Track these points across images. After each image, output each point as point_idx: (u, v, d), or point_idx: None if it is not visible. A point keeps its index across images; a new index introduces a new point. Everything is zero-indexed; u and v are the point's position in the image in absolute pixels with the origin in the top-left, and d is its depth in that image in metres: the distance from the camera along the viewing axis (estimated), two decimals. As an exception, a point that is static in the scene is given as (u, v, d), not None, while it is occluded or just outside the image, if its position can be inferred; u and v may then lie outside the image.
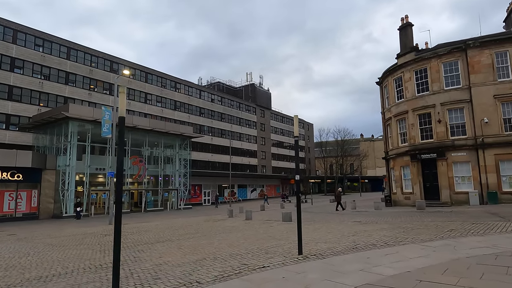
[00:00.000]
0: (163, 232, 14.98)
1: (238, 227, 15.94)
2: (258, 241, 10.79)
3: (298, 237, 7.99)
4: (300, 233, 8.01)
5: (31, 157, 27.45)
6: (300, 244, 7.97)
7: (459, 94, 24.14)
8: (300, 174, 8.71)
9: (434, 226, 12.30)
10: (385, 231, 11.63)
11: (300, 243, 7.98)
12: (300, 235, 8.00)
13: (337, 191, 26.46)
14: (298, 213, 8.27)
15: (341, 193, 26.57)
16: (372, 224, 14.08)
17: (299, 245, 7.98)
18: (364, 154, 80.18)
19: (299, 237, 7.99)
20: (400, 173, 27.84)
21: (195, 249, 9.79)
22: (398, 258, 7.29)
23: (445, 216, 16.14)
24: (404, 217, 16.93)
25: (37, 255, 10.09)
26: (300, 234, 8.01)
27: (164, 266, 7.51)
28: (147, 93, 48.83)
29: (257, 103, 70.99)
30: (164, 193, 39.60)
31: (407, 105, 26.82)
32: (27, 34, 37.09)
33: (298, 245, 8.00)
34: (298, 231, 8.01)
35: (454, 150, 23.91)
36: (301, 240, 8.01)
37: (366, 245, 9.08)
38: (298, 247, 7.98)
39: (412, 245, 8.82)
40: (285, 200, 46.99)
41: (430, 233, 10.75)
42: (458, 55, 24.46)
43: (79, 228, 19.71)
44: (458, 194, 23.49)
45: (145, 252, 9.70)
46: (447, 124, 24.48)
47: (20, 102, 35.74)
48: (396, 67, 27.99)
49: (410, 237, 10.12)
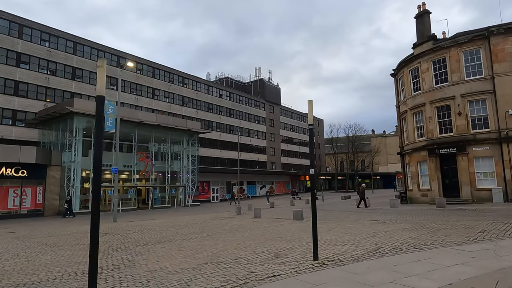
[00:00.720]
0: (166, 231, 14.08)
1: (246, 225, 14.95)
2: (267, 242, 9.77)
3: (314, 240, 6.93)
4: (315, 235, 6.94)
5: (35, 153, 26.86)
6: (315, 248, 6.92)
7: (481, 85, 22.68)
8: (315, 167, 7.64)
9: (462, 226, 11.11)
10: (408, 232, 10.49)
11: (315, 247, 6.92)
12: (315, 238, 6.94)
13: (361, 187, 25.04)
14: (313, 212, 7.20)
15: (365, 189, 25.13)
16: (392, 224, 12.92)
17: (314, 249, 6.93)
18: (375, 150, 78.30)
19: (314, 240, 6.93)
20: (416, 169, 26.49)
21: (197, 251, 8.82)
22: (432, 265, 6.19)
23: (470, 215, 14.89)
24: (425, 215, 15.71)
25: (27, 257, 9.25)
26: (316, 237, 6.94)
27: (160, 273, 6.55)
28: (155, 88, 48.10)
29: (266, 98, 69.79)
30: (172, 189, 38.87)
31: (424, 97, 25.43)
32: (33, 29, 36.56)
33: (313, 249, 6.95)
34: (314, 233, 6.95)
35: (476, 144, 22.49)
36: (317, 244, 6.95)
37: (391, 248, 7.98)
38: (314, 251, 6.93)
39: (444, 249, 7.69)
40: (295, 197, 45.95)
41: (460, 234, 9.59)
42: (480, 43, 22.98)
43: (82, 226, 18.97)
44: (480, 191, 22.11)
45: (142, 254, 8.77)
46: (468, 116, 23.05)
47: (27, 97, 35.28)
48: (413, 57, 26.58)
49: (438, 239, 8.98)
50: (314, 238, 6.93)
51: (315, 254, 6.89)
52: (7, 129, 33.41)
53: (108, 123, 21.84)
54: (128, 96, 43.96)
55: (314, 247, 6.92)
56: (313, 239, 6.94)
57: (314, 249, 6.92)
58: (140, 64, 46.76)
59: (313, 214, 7.15)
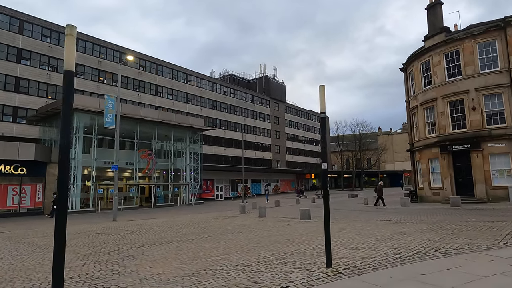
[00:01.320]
0: (165, 231, 13.27)
1: (250, 225, 14.10)
2: (273, 245, 8.92)
3: (326, 245, 6.05)
4: (328, 239, 6.06)
5: (34, 150, 26.19)
6: (328, 254, 6.04)
7: (497, 78, 21.59)
8: (327, 161, 6.76)
9: (486, 228, 10.17)
10: (427, 234, 9.58)
11: (328, 252, 6.05)
12: (328, 242, 6.05)
13: (379, 185, 23.95)
14: (326, 212, 6.31)
15: (383, 187, 23.97)
16: (407, 224, 12.00)
17: (327, 256, 6.05)
18: (382, 148, 76.99)
19: (327, 244, 6.05)
20: (427, 166, 25.45)
21: (195, 255, 7.98)
22: (466, 276, 5.29)
23: (489, 215, 13.92)
24: (441, 215, 14.76)
25: (10, 260, 8.47)
26: (329, 241, 6.06)
27: (150, 282, 5.72)
28: (158, 85, 47.35)
29: (271, 95, 68.81)
30: (175, 188, 38.12)
31: (435, 91, 24.38)
32: (34, 25, 35.95)
33: (326, 255, 6.08)
34: (326, 237, 6.07)
35: (491, 140, 21.43)
36: (330, 249, 6.07)
37: (412, 253, 7.08)
38: (327, 258, 6.06)
39: (473, 254, 6.78)
40: (301, 196, 45.03)
41: (486, 237, 8.66)
42: (495, 34, 21.87)
43: (80, 225, 18.26)
44: (496, 189, 21.05)
45: (135, 258, 7.95)
46: (482, 111, 21.98)
47: (28, 94, 34.70)
48: (424, 50, 25.51)
49: (464, 242, 8.06)
50: (327, 242, 6.05)
51: (328, 261, 6.01)
52: (8, 126, 32.86)
53: (108, 119, 21.09)
54: (131, 93, 43.28)
55: (327, 253, 6.05)
56: (326, 244, 6.06)
57: (327, 255, 6.05)
58: (143, 60, 46.03)
59: (325, 215, 6.26)
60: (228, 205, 34.71)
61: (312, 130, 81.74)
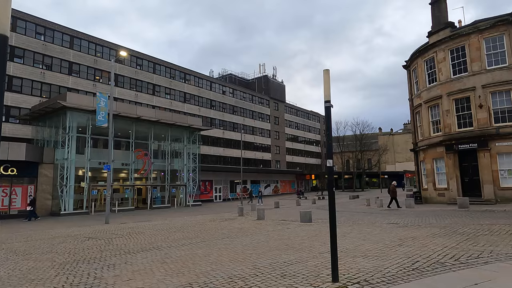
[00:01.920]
0: (156, 236, 12.39)
1: (248, 229, 13.22)
2: (271, 253, 8.04)
3: (332, 255, 5.17)
4: (335, 249, 5.17)
5: (25, 149, 25.30)
6: (335, 266, 5.16)
7: (505, 74, 20.75)
8: (332, 158, 5.88)
9: (504, 232, 9.31)
10: (441, 239, 8.70)
11: (335, 264, 5.16)
12: (334, 252, 5.16)
13: (392, 186, 22.95)
14: (332, 216, 5.42)
15: (396, 187, 22.95)
16: (416, 228, 11.12)
17: (333, 268, 5.17)
18: (383, 149, 76.14)
19: (333, 255, 5.16)
20: (432, 166, 24.59)
21: (183, 264, 7.11)
22: (501, 293, 4.42)
23: (502, 217, 13.05)
24: (450, 217, 13.88)
25: (-22, 270, 7.59)
26: (335, 250, 5.17)
27: (125, 300, 4.84)
28: (155, 85, 46.44)
29: (270, 95, 67.93)
30: (172, 189, 37.21)
31: (440, 89, 23.54)
32: (27, 22, 35.04)
33: (332, 267, 5.20)
34: (332, 246, 5.18)
35: (499, 139, 20.57)
36: (336, 260, 5.18)
37: (430, 263, 6.21)
38: (332, 270, 5.18)
39: (501, 264, 5.91)
40: (301, 197, 44.20)
41: (508, 243, 7.79)
42: (503, 29, 21.03)
43: (69, 228, 17.38)
44: (505, 190, 20.19)
45: (115, 268, 7.07)
46: (490, 109, 21.13)
47: (21, 93, 33.76)
48: (428, 46, 24.68)
49: (484, 249, 7.19)
50: (333, 252, 5.16)
51: (335, 275, 5.13)
52: (0, 125, 31.96)
53: (100, 117, 20.21)
54: (128, 92, 42.39)
55: (333, 265, 5.16)
56: (332, 254, 5.18)
57: (333, 267, 5.17)
58: (140, 59, 45.15)
59: (331, 221, 5.36)
60: (226, 207, 33.82)
61: (312, 130, 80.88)
